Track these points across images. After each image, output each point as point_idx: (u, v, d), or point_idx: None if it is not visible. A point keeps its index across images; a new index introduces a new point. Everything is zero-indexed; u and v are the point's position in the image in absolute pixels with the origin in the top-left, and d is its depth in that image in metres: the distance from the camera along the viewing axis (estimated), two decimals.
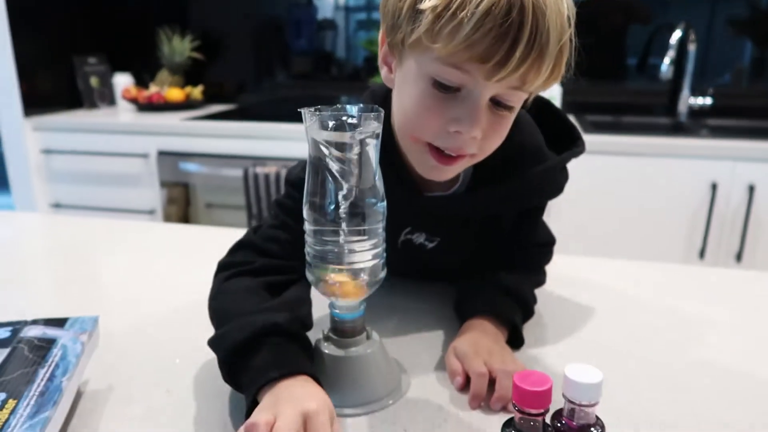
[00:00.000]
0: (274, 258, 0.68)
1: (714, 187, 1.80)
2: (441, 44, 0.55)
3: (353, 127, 0.55)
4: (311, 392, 0.52)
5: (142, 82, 2.77)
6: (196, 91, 2.67)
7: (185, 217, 2.44)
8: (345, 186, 0.55)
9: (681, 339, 0.73)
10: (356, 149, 0.55)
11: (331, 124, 0.55)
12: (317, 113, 0.55)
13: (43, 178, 2.46)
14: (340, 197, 0.55)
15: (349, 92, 2.76)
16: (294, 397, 0.51)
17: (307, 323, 0.63)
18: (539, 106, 0.75)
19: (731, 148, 1.81)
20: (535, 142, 0.72)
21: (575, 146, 0.73)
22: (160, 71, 2.71)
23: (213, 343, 0.59)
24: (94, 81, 2.67)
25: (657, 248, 1.91)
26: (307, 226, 0.57)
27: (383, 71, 0.67)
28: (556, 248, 0.82)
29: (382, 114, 0.55)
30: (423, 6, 0.55)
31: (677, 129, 2.26)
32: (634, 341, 0.72)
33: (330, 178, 0.55)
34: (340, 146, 0.55)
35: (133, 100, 2.59)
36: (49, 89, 2.54)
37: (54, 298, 0.85)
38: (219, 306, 0.63)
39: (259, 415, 0.49)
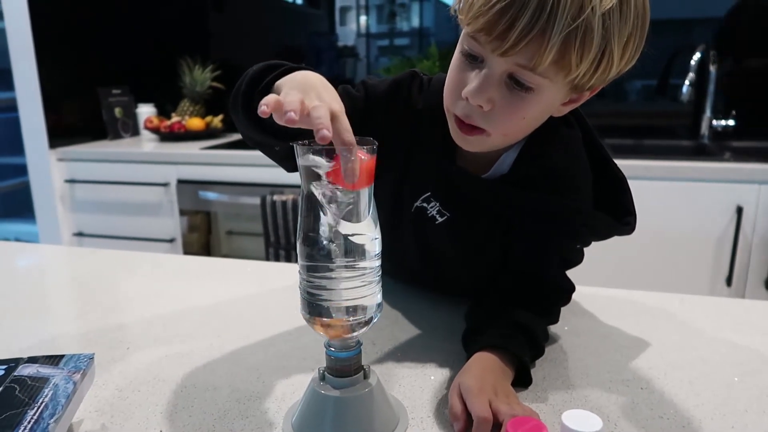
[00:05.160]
0: None
1: (739, 210, 1.75)
2: (463, 15, 0.62)
3: None
4: (325, 84, 0.60)
5: (164, 112, 2.83)
6: (216, 120, 2.70)
7: (207, 245, 2.45)
8: (338, 221, 0.54)
9: (700, 378, 0.69)
10: None
11: (323, 157, 0.54)
12: (310, 147, 0.54)
13: (66, 207, 2.51)
14: (333, 233, 0.54)
15: None
16: (314, 87, 0.57)
17: None
18: (615, 181, 0.76)
19: (756, 170, 1.76)
20: (576, 181, 0.74)
21: (622, 223, 0.73)
22: (182, 101, 2.76)
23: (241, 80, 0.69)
24: (118, 112, 2.72)
25: (682, 275, 1.85)
26: (300, 262, 0.56)
27: None
28: (569, 273, 0.79)
29: (376, 146, 0.54)
30: None
31: (700, 152, 2.21)
32: (651, 380, 0.69)
33: (323, 213, 0.54)
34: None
35: (155, 130, 2.64)
36: (74, 120, 2.60)
37: (60, 332, 0.84)
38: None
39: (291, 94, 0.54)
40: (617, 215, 0.74)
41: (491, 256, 0.79)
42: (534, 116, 0.67)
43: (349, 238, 0.54)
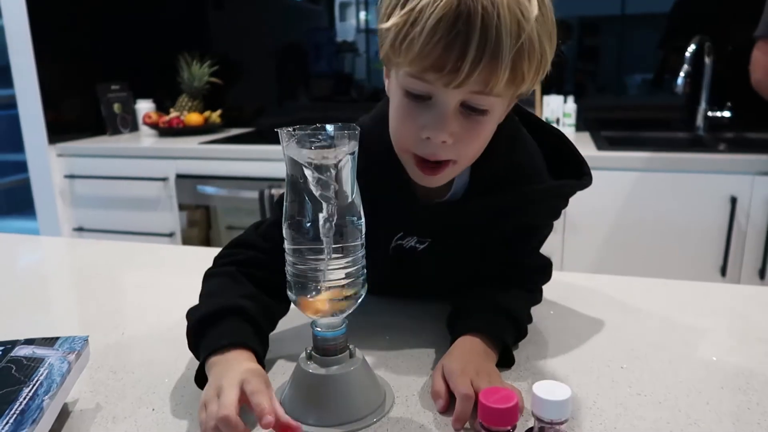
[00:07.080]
0: (263, 254, 0.74)
1: (733, 201, 1.77)
2: (402, 58, 0.60)
3: (330, 146, 0.56)
4: (249, 366, 0.60)
5: (163, 107, 2.84)
6: (215, 115, 2.72)
7: (207, 240, 2.47)
8: (323, 204, 0.56)
9: (679, 357, 0.71)
10: (333, 168, 0.55)
11: (307, 143, 0.56)
12: (294, 133, 0.56)
13: (66, 202, 2.53)
14: (318, 216, 0.56)
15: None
16: (233, 370, 0.58)
17: (273, 313, 0.72)
18: (554, 139, 0.77)
19: (750, 161, 1.77)
20: (533, 164, 0.74)
21: (580, 179, 0.74)
22: (180, 96, 2.77)
23: (188, 313, 0.68)
24: (116, 107, 2.74)
25: (677, 265, 1.87)
26: (287, 245, 0.58)
27: (386, 84, 0.71)
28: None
29: (358, 132, 0.56)
30: (386, 25, 0.60)
31: (695, 143, 2.22)
32: (632, 360, 0.70)
33: (308, 197, 0.56)
34: (317, 165, 0.55)
35: (154, 125, 2.65)
36: (73, 116, 2.62)
37: (57, 318, 0.86)
38: (204, 288, 0.73)
39: (207, 392, 0.57)
40: (576, 173, 0.74)
41: (474, 262, 0.78)
42: (489, 133, 0.67)
43: (334, 219, 0.56)
